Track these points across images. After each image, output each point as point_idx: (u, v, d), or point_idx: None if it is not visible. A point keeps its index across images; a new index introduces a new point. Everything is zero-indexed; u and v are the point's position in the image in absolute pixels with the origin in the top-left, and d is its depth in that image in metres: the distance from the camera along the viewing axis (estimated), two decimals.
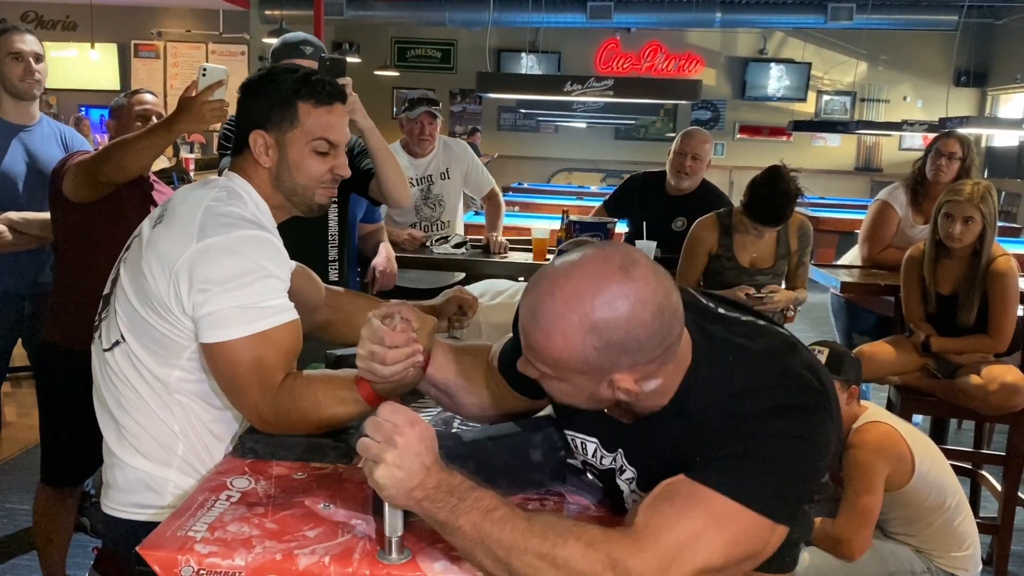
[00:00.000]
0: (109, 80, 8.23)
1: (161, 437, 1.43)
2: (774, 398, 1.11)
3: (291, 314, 1.39)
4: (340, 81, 2.23)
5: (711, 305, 1.26)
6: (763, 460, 1.08)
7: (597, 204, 4.12)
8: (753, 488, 1.07)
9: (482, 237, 3.80)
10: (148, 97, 2.54)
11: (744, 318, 1.25)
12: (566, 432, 1.34)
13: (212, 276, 1.33)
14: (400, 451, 1.06)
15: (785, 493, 1.10)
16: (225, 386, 1.39)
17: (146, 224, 1.48)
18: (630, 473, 1.26)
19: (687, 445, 1.13)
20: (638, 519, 1.08)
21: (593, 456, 1.30)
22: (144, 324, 1.40)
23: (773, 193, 2.91)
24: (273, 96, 1.48)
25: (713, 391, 1.14)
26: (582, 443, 1.31)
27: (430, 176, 3.71)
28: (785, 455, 1.09)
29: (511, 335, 1.35)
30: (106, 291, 1.54)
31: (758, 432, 1.09)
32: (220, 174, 1.61)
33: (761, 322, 1.25)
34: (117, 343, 1.43)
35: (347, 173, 1.55)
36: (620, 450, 1.26)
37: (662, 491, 1.10)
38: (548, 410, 1.56)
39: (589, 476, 1.38)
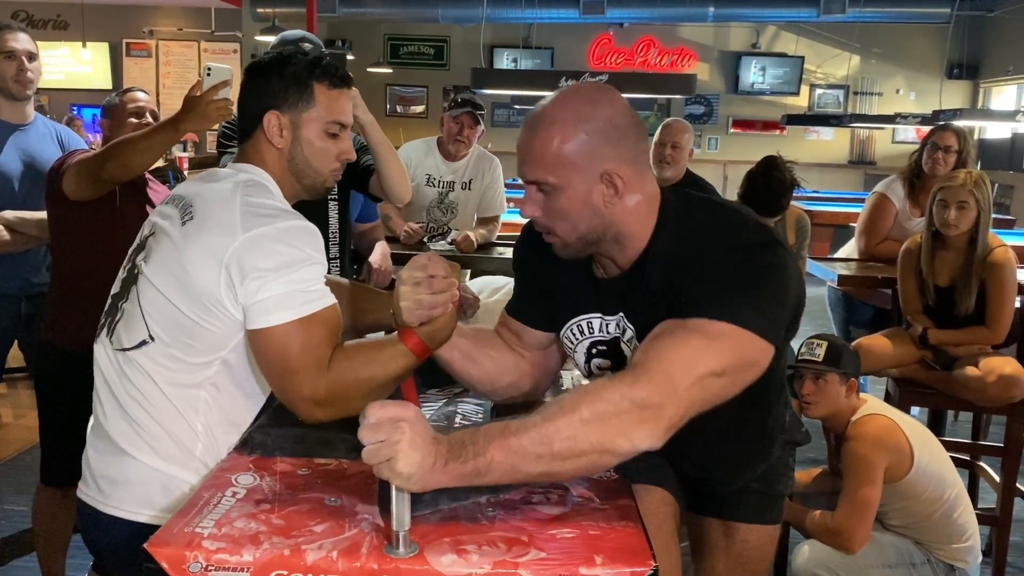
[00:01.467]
0: (101, 79, 8.19)
1: (181, 438, 1.42)
2: (740, 237, 1.32)
3: (333, 297, 1.41)
4: None
5: None
6: (739, 286, 1.27)
7: None
8: (734, 308, 1.24)
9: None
10: (140, 95, 2.53)
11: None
12: (571, 323, 1.50)
13: (263, 265, 1.34)
14: (410, 434, 1.08)
15: (763, 311, 1.26)
16: (277, 371, 1.38)
17: (165, 223, 1.46)
18: (630, 332, 1.42)
19: (672, 290, 1.30)
20: (636, 357, 1.25)
21: (600, 330, 1.46)
22: (183, 319, 1.39)
23: (769, 183, 2.92)
24: (288, 76, 1.49)
25: (684, 228, 1.35)
26: (587, 323, 1.47)
27: (452, 182, 3.70)
28: (757, 279, 1.28)
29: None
30: (115, 291, 1.53)
31: (731, 265, 1.28)
32: None
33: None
34: (144, 342, 1.42)
35: (353, 156, 1.58)
36: (620, 313, 1.42)
37: (655, 332, 1.27)
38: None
39: (597, 365, 1.50)
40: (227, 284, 1.36)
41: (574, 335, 1.50)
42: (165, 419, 1.42)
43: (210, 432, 1.43)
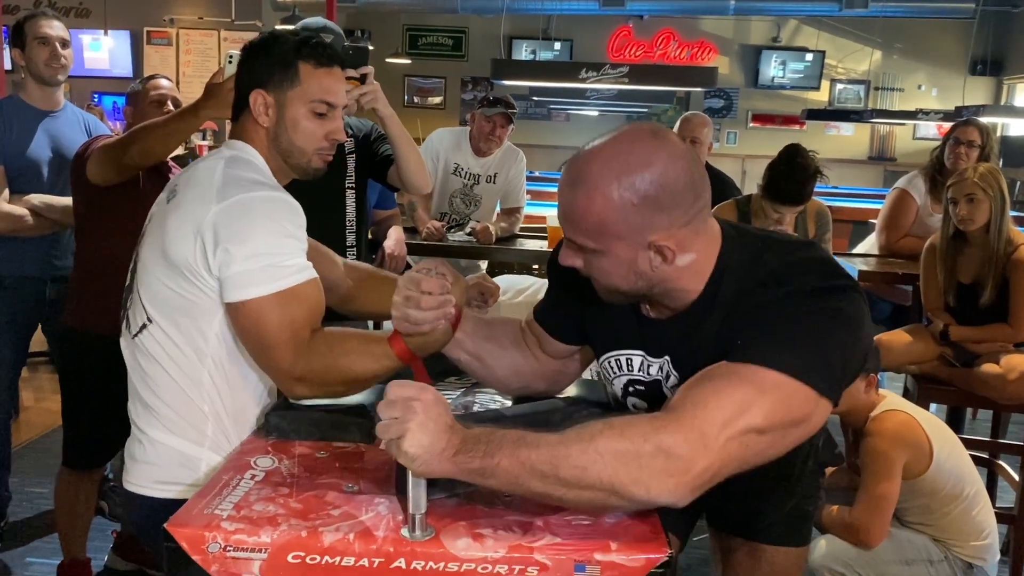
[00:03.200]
0: (122, 67, 8.24)
1: (192, 417, 1.44)
2: (808, 281, 1.15)
3: (312, 272, 1.40)
4: (361, 70, 2.25)
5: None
6: (802, 334, 1.11)
7: None
8: (793, 358, 1.09)
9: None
10: (163, 82, 2.55)
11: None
12: (611, 355, 1.38)
13: (234, 236, 1.34)
14: (422, 416, 1.08)
15: (826, 363, 1.11)
16: (254, 347, 1.39)
17: (158, 208, 1.50)
18: (674, 379, 1.29)
19: (727, 336, 1.16)
20: (675, 398, 1.12)
21: (640, 369, 1.34)
22: (170, 295, 1.41)
23: (792, 170, 2.87)
24: (274, 55, 1.49)
25: (744, 275, 1.19)
26: (627, 359, 1.35)
27: (478, 175, 3.71)
28: (824, 328, 1.12)
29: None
30: (128, 281, 1.55)
31: (797, 310, 1.13)
32: None
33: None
34: (144, 326, 1.44)
35: (343, 137, 1.56)
36: (666, 356, 1.29)
37: (701, 374, 1.13)
38: (569, 391, 1.58)
39: (633, 403, 1.40)
40: (201, 252, 1.36)
41: (612, 368, 1.40)
42: (173, 400, 1.44)
43: (217, 412, 1.44)
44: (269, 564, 1.10)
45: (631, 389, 1.39)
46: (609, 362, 1.40)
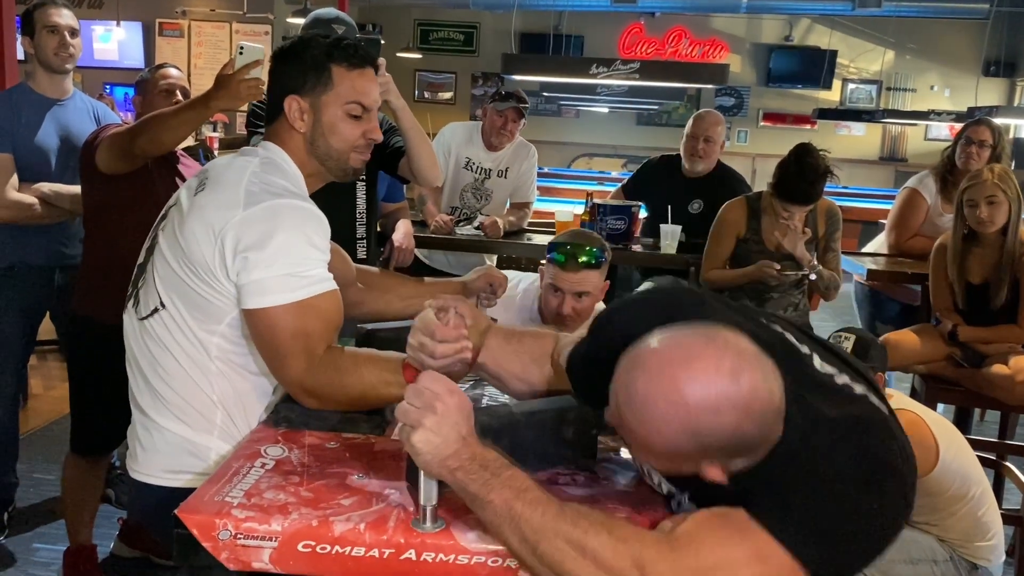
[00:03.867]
0: (133, 59, 8.26)
1: (201, 406, 1.45)
2: (853, 462, 1.06)
3: (332, 284, 1.40)
4: None
5: (805, 352, 1.17)
6: (835, 530, 1.04)
7: (616, 189, 4.11)
8: (816, 552, 1.04)
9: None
10: (173, 72, 2.55)
11: (839, 381, 1.16)
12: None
13: (256, 244, 1.34)
14: (439, 417, 1.07)
15: (843, 563, 1.07)
16: (267, 354, 1.40)
17: (183, 193, 1.50)
18: (687, 504, 1.22)
19: (755, 478, 1.08)
20: (682, 527, 1.06)
21: (658, 486, 1.28)
22: (185, 288, 1.41)
23: (802, 169, 2.87)
24: (307, 60, 1.49)
25: (790, 455, 1.08)
26: (647, 469, 1.29)
27: (489, 170, 3.71)
28: (857, 531, 1.06)
29: (582, 334, 1.30)
30: (140, 260, 1.55)
31: (836, 501, 1.05)
32: None
33: (857, 389, 1.16)
34: (156, 310, 1.45)
35: (379, 137, 1.57)
36: (686, 493, 1.22)
37: (718, 513, 1.07)
38: None
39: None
40: (220, 256, 1.37)
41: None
42: (182, 388, 1.44)
43: (225, 402, 1.45)
44: (279, 552, 1.10)
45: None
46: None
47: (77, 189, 2.52)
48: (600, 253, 2.11)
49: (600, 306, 2.13)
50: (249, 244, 1.34)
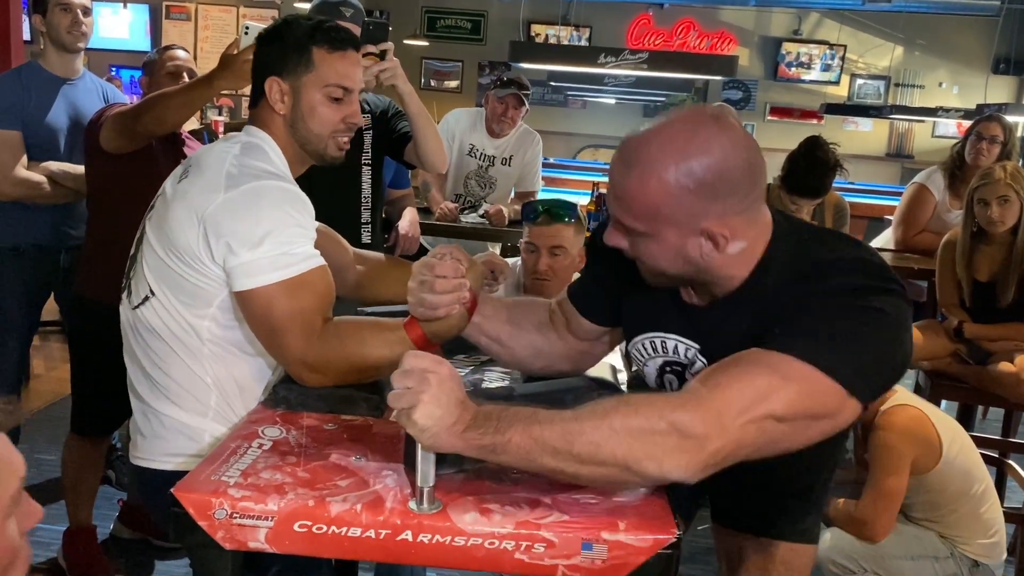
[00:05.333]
0: (140, 41, 8.24)
1: (195, 390, 1.44)
2: (852, 279, 1.13)
3: (320, 260, 1.40)
4: (381, 46, 2.23)
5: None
6: (838, 330, 1.09)
7: None
8: (825, 352, 1.08)
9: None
10: (180, 53, 2.54)
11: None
12: (645, 336, 1.35)
13: (240, 227, 1.34)
14: (435, 389, 1.07)
15: (860, 362, 1.09)
16: (264, 335, 1.39)
17: (169, 182, 1.50)
18: (700, 365, 1.27)
19: (761, 325, 1.14)
20: (696, 379, 1.11)
21: (675, 352, 1.32)
22: (173, 274, 1.41)
23: (811, 163, 2.86)
24: (288, 42, 1.48)
25: (789, 266, 1.17)
26: (662, 342, 1.33)
27: (493, 157, 3.69)
28: (862, 327, 1.10)
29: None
30: (132, 251, 1.55)
31: (836, 305, 1.11)
32: None
33: None
34: (147, 298, 1.45)
35: (360, 121, 1.55)
36: (697, 345, 1.28)
37: (728, 358, 1.12)
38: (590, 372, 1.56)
39: (669, 381, 1.37)
40: (204, 241, 1.36)
41: (646, 350, 1.37)
42: (176, 373, 1.44)
43: (220, 385, 1.45)
44: (275, 532, 1.10)
45: (668, 369, 1.36)
46: (643, 344, 1.37)
47: (84, 169, 2.51)
48: (571, 209, 2.24)
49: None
50: (232, 228, 1.34)
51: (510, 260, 2.37)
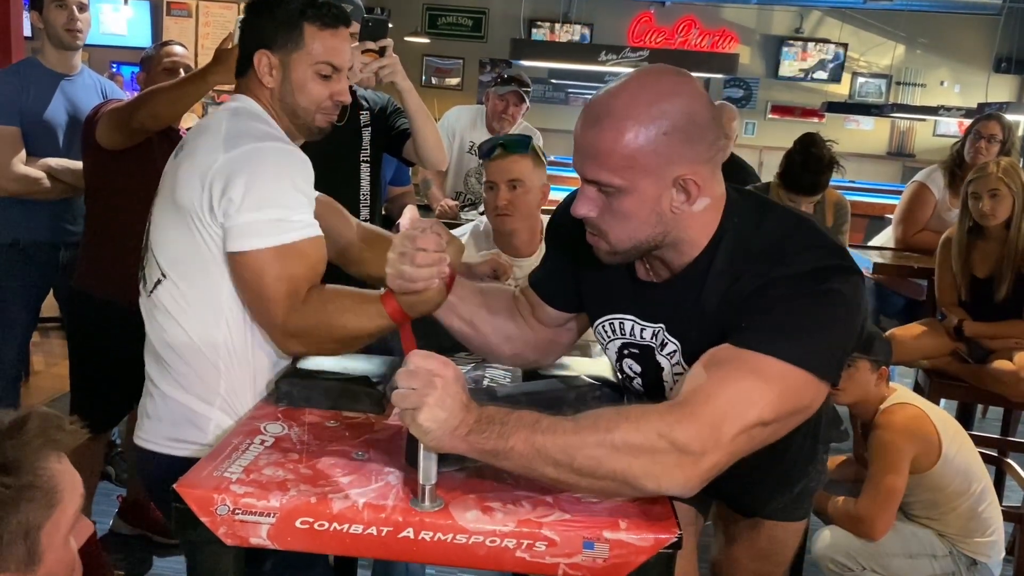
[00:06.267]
0: (141, 38, 8.23)
1: (205, 375, 1.44)
2: (807, 260, 1.17)
3: (317, 230, 1.40)
4: (380, 43, 2.23)
5: None
6: (804, 318, 1.14)
7: None
8: (795, 345, 1.12)
9: None
10: (178, 49, 2.54)
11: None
12: (604, 319, 1.39)
13: (241, 187, 1.34)
14: (440, 392, 1.07)
15: (827, 347, 1.15)
16: (250, 298, 1.39)
17: (169, 164, 1.52)
18: (672, 346, 1.30)
19: (727, 312, 1.18)
20: (684, 388, 1.14)
21: (632, 334, 1.35)
22: (180, 247, 1.41)
23: (807, 160, 2.86)
24: (280, 16, 1.48)
25: (742, 240, 1.21)
26: (619, 323, 1.36)
27: None
28: (824, 312, 1.15)
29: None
30: (144, 242, 1.55)
31: (798, 292, 1.15)
32: None
33: None
34: (159, 281, 1.45)
35: (348, 99, 1.56)
36: (661, 324, 1.30)
37: (707, 360, 1.15)
38: (583, 370, 1.57)
39: (628, 366, 1.39)
40: (208, 199, 1.36)
41: (606, 332, 1.40)
42: (189, 357, 1.44)
43: (231, 371, 1.45)
44: (277, 528, 1.10)
45: (626, 352, 1.39)
46: (603, 326, 1.40)
47: (81, 165, 2.51)
48: (525, 140, 2.27)
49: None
50: (233, 187, 1.34)
51: (473, 223, 2.41)
